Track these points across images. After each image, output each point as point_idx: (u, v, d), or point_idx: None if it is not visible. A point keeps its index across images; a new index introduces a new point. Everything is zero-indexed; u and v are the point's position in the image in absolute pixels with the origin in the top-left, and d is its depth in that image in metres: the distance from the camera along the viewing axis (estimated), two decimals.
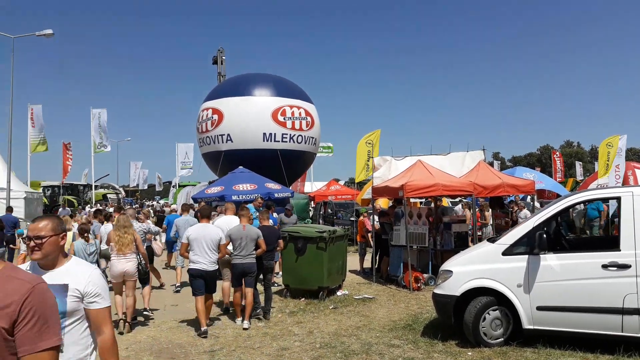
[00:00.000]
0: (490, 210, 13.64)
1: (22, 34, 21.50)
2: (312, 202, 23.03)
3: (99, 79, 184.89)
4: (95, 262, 7.60)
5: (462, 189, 10.57)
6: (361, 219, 12.89)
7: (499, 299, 6.12)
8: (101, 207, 17.23)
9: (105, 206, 24.85)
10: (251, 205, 11.24)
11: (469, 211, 14.91)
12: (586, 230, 15.30)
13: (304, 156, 22.71)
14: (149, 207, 29.36)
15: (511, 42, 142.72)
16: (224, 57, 34.53)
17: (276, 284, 10.37)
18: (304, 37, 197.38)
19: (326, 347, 6.42)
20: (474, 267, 6.37)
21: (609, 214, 15.24)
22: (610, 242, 6.46)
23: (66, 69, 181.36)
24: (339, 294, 9.71)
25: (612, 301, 5.56)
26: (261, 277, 8.24)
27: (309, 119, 22.05)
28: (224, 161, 20.66)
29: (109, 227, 8.70)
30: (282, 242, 8.68)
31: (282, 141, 21.06)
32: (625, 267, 5.55)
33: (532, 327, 5.97)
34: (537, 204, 13.28)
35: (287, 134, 21.17)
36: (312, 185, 32.57)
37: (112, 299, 7.81)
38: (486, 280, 6.19)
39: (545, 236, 5.91)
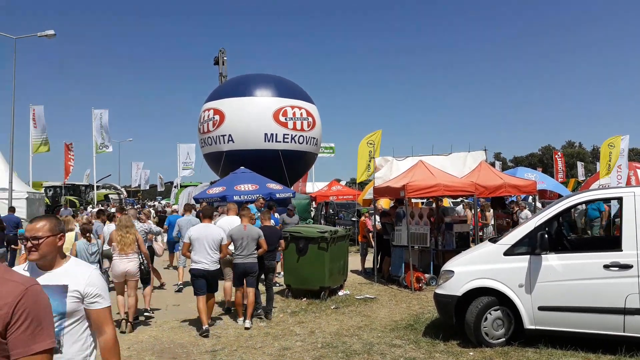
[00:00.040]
0: (491, 210, 13.65)
1: (24, 35, 21.55)
2: (314, 202, 23.05)
3: (101, 79, 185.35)
4: (97, 262, 7.62)
5: (464, 189, 10.57)
6: (362, 219, 12.90)
7: (501, 299, 6.12)
8: (104, 207, 17.26)
9: (107, 206, 24.88)
10: (253, 205, 11.26)
11: (470, 211, 14.94)
12: (587, 230, 15.29)
13: (306, 156, 22.70)
14: (151, 208, 29.40)
15: (513, 42, 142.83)
16: (225, 58, 34.54)
17: (278, 284, 10.38)
18: (305, 38, 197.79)
19: (328, 347, 6.42)
20: (475, 267, 6.37)
21: (611, 214, 15.23)
22: (612, 242, 6.45)
23: (68, 69, 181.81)
24: (341, 294, 9.71)
25: (613, 301, 5.56)
26: (262, 277, 8.26)
27: (310, 119, 22.05)
28: (226, 161, 20.67)
29: (112, 227, 8.73)
30: (283, 242, 8.70)
31: (284, 141, 21.06)
32: (627, 267, 5.55)
33: (533, 327, 5.96)
34: (538, 204, 13.28)
35: (288, 135, 21.17)
36: (314, 185, 32.60)
37: (114, 299, 7.86)
38: (488, 280, 6.19)
39: (546, 236, 5.90)
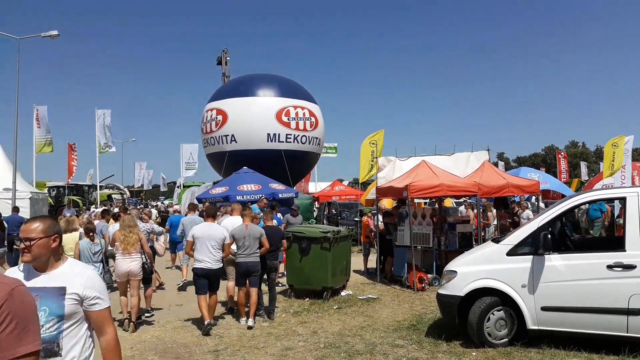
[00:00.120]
0: (494, 210, 13.62)
1: (27, 35, 21.59)
2: (316, 202, 23.06)
3: (104, 79, 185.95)
4: (100, 261, 7.65)
5: (467, 190, 10.56)
6: (365, 219, 12.89)
7: (504, 299, 6.10)
8: (108, 207, 17.30)
9: (110, 206, 24.92)
10: (255, 205, 11.27)
11: (472, 211, 14.91)
12: (589, 230, 15.23)
13: (308, 156, 22.72)
14: (153, 208, 29.42)
15: (516, 42, 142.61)
16: (228, 58, 34.62)
17: (280, 284, 10.38)
18: (307, 38, 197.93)
19: (330, 347, 6.42)
20: (478, 268, 6.35)
21: (614, 215, 15.17)
22: (615, 242, 6.43)
23: (71, 69, 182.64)
24: (343, 294, 9.71)
25: (617, 302, 5.53)
26: (265, 276, 8.27)
27: (313, 119, 22.07)
28: (228, 162, 20.70)
29: (117, 227, 8.75)
30: (285, 242, 8.71)
31: (286, 142, 21.09)
32: (630, 267, 5.52)
33: (536, 327, 5.95)
34: (541, 205, 13.25)
35: (291, 135, 21.20)
36: (316, 185, 32.59)
37: (117, 299, 7.87)
38: (490, 280, 6.18)
39: (549, 236, 5.88)
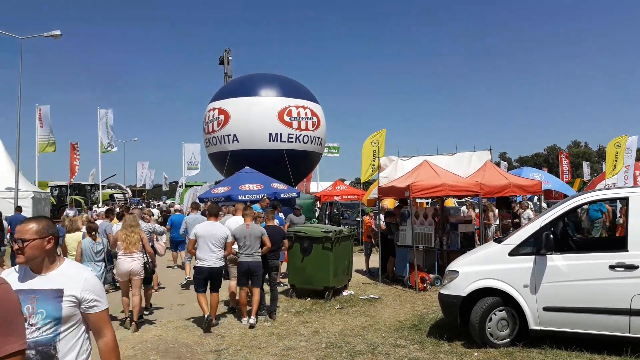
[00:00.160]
0: (496, 210, 13.61)
1: (30, 35, 21.63)
2: (318, 202, 23.06)
3: (106, 79, 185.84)
4: (102, 261, 7.68)
5: (469, 189, 10.54)
6: (366, 218, 12.88)
7: (505, 300, 6.10)
8: (113, 207, 17.31)
9: (112, 206, 24.96)
10: (257, 205, 11.28)
11: (473, 211, 14.90)
12: (590, 231, 15.18)
13: (310, 156, 22.72)
14: (155, 208, 29.46)
15: (518, 42, 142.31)
16: (230, 58, 34.65)
17: (282, 284, 10.38)
18: (309, 38, 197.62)
19: (332, 347, 6.42)
20: (480, 268, 6.35)
21: (617, 215, 15.13)
22: (617, 242, 6.42)
23: (73, 69, 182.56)
24: (345, 294, 9.70)
25: (619, 302, 5.52)
26: (267, 276, 8.27)
27: (315, 119, 22.07)
28: (230, 161, 20.72)
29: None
30: (287, 242, 8.72)
31: (288, 141, 21.10)
32: (633, 267, 5.51)
33: (538, 327, 5.94)
34: (544, 205, 13.23)
35: (293, 134, 21.20)
36: (318, 185, 32.60)
37: (119, 299, 7.89)
38: (492, 280, 6.17)
39: (552, 236, 5.87)
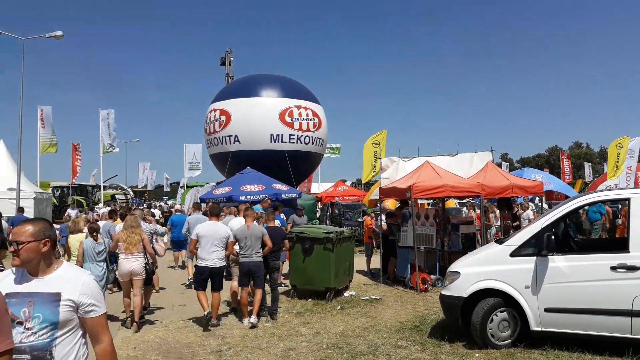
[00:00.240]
0: (497, 211, 13.60)
1: (32, 36, 21.66)
2: (320, 203, 23.06)
3: (108, 80, 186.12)
4: (103, 261, 7.71)
5: (470, 190, 10.54)
6: (367, 219, 12.88)
7: (507, 301, 6.09)
8: (116, 208, 17.31)
9: (114, 206, 24.98)
10: (258, 206, 11.29)
11: (474, 212, 14.89)
12: (590, 232, 15.15)
13: (311, 157, 22.72)
14: (156, 208, 29.48)
15: (518, 42, 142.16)
16: (231, 58, 34.64)
17: (283, 285, 10.39)
18: (310, 38, 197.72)
19: (333, 348, 6.42)
20: (481, 269, 6.34)
21: (617, 216, 15.12)
22: (619, 243, 6.41)
23: (75, 70, 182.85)
24: (346, 294, 9.70)
25: (621, 303, 5.51)
26: (267, 277, 8.28)
27: (316, 119, 22.07)
28: (232, 162, 20.73)
29: None
30: (287, 242, 8.73)
31: (290, 142, 21.10)
32: (634, 268, 5.50)
33: (539, 328, 5.93)
34: (545, 206, 13.21)
35: (294, 135, 21.20)
36: (320, 186, 32.59)
37: (120, 300, 7.90)
38: (494, 281, 6.16)
39: (553, 237, 5.87)
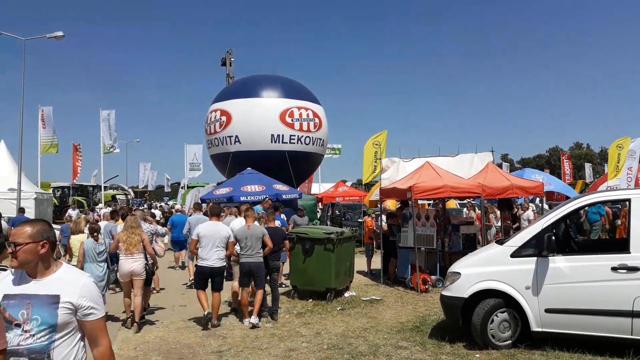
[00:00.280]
0: (497, 212, 13.60)
1: (33, 36, 21.67)
2: (320, 203, 23.07)
3: (108, 80, 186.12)
4: (104, 261, 7.73)
5: (471, 191, 10.53)
6: (367, 219, 12.88)
7: (507, 301, 6.09)
8: (117, 208, 17.34)
9: (114, 207, 25.00)
10: (259, 206, 11.29)
11: (474, 212, 14.88)
12: (589, 233, 15.14)
13: (312, 157, 22.73)
14: (156, 209, 29.50)
15: (519, 43, 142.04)
16: (232, 59, 34.68)
17: (284, 285, 10.39)
18: (311, 39, 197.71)
19: (333, 349, 6.42)
20: (482, 269, 6.35)
21: (618, 216, 15.11)
22: (620, 244, 6.40)
23: (76, 70, 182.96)
24: (347, 295, 9.70)
25: (621, 304, 5.51)
26: (267, 277, 8.29)
27: (317, 120, 22.08)
28: (232, 162, 20.74)
29: None
30: (287, 243, 8.74)
31: (290, 142, 21.11)
32: (635, 269, 5.50)
33: (540, 329, 5.93)
34: (545, 206, 13.22)
35: (295, 136, 21.21)
36: (320, 186, 32.61)
37: (122, 299, 7.91)
38: (494, 282, 6.16)
39: (553, 238, 5.87)
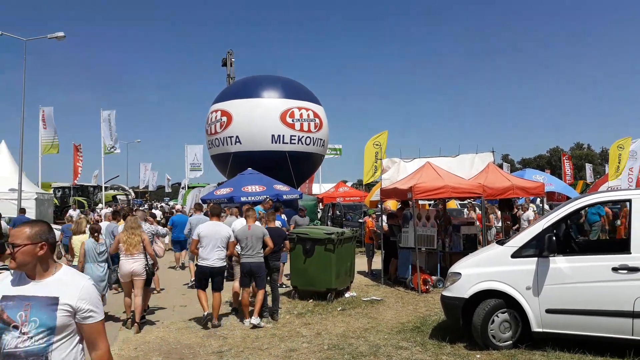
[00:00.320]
0: (498, 212, 13.60)
1: (34, 37, 21.69)
2: (321, 203, 23.07)
3: (109, 80, 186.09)
4: (105, 261, 7.74)
5: (471, 191, 10.53)
6: (368, 220, 12.86)
7: (508, 302, 6.09)
8: (119, 209, 17.36)
9: (115, 207, 25.02)
10: (260, 206, 11.30)
11: (474, 212, 14.88)
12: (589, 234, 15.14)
13: (312, 158, 22.75)
14: (157, 209, 29.51)
15: (520, 43, 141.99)
16: (233, 59, 34.65)
17: (285, 286, 10.39)
18: (311, 39, 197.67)
19: (334, 349, 6.42)
20: (482, 270, 6.34)
21: (618, 217, 15.10)
22: (620, 245, 6.40)
23: (76, 70, 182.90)
24: (347, 295, 9.70)
25: (622, 304, 5.51)
26: (268, 277, 8.29)
27: (317, 120, 22.09)
28: (233, 163, 20.76)
29: None
30: (287, 243, 8.74)
31: (291, 143, 21.12)
32: (636, 270, 5.49)
33: (541, 330, 5.93)
34: (546, 207, 13.22)
35: (295, 136, 21.22)
36: (321, 187, 32.61)
37: (122, 299, 7.91)
38: (495, 282, 6.16)
39: (554, 239, 5.87)
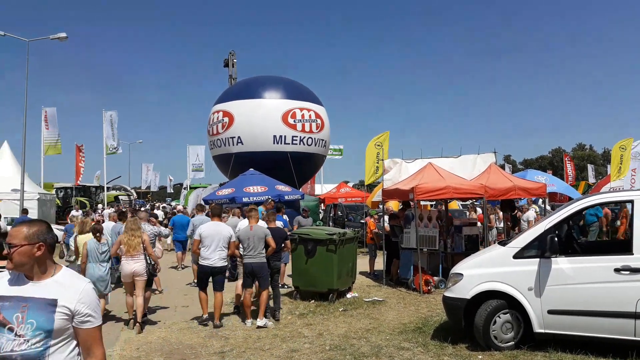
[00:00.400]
0: (500, 213, 13.59)
1: (36, 38, 21.76)
2: (322, 204, 23.07)
3: (111, 81, 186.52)
4: (107, 261, 7.76)
5: (473, 192, 10.52)
6: (370, 220, 12.85)
7: (510, 302, 6.08)
8: (124, 210, 17.37)
9: (117, 208, 25.05)
10: (261, 207, 11.31)
11: (475, 213, 14.88)
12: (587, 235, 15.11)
13: (314, 158, 22.76)
14: (159, 209, 29.53)
15: (521, 44, 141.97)
16: (235, 60, 34.64)
17: (286, 286, 10.40)
18: (313, 40, 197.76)
19: (336, 350, 6.42)
20: (484, 270, 6.34)
21: (617, 217, 15.08)
22: (623, 245, 6.39)
23: (78, 71, 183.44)
24: (349, 296, 9.70)
25: (624, 305, 5.50)
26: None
27: (319, 121, 22.10)
28: (235, 163, 20.78)
29: None
30: (289, 243, 8.76)
31: (292, 143, 21.14)
32: (638, 271, 5.48)
33: (543, 330, 5.92)
34: (548, 207, 13.19)
35: (297, 137, 21.24)
36: (322, 187, 32.63)
37: (124, 300, 7.92)
38: (497, 283, 6.15)
39: (556, 239, 5.86)
